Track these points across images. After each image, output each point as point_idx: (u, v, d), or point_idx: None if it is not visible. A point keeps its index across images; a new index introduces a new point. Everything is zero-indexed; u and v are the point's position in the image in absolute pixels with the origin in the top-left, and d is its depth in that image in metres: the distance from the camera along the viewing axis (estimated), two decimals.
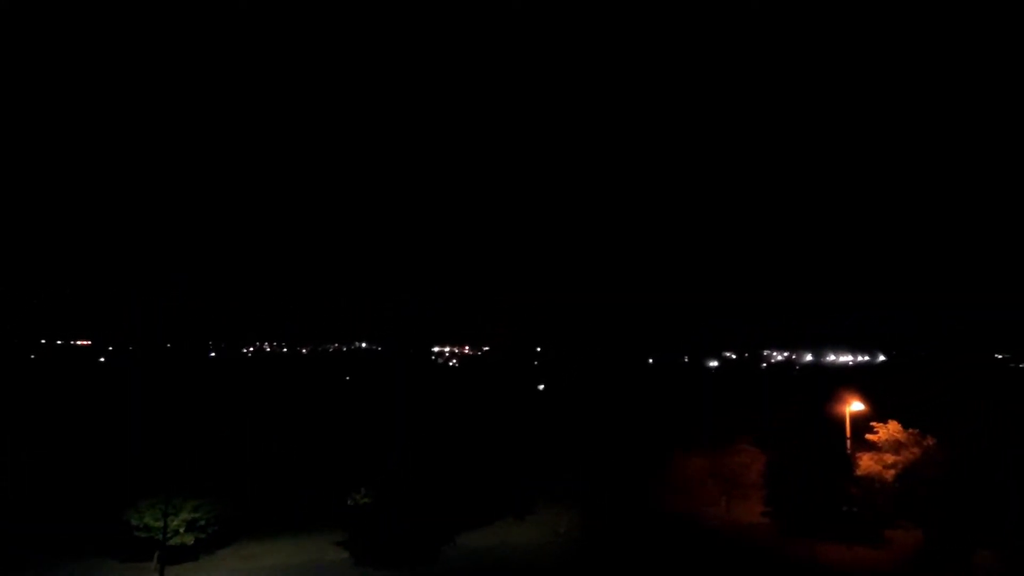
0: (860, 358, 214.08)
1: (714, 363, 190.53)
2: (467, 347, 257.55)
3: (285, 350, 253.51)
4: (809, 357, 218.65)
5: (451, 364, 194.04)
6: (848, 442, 39.75)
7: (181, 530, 30.62)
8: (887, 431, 37.48)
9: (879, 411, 40.61)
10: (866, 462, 36.93)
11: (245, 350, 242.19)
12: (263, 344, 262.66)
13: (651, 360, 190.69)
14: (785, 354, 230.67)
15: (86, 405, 77.80)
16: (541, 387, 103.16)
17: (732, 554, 34.86)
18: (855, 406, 41.00)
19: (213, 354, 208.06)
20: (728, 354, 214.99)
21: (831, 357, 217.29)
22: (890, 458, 36.40)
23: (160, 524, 29.63)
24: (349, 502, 35.15)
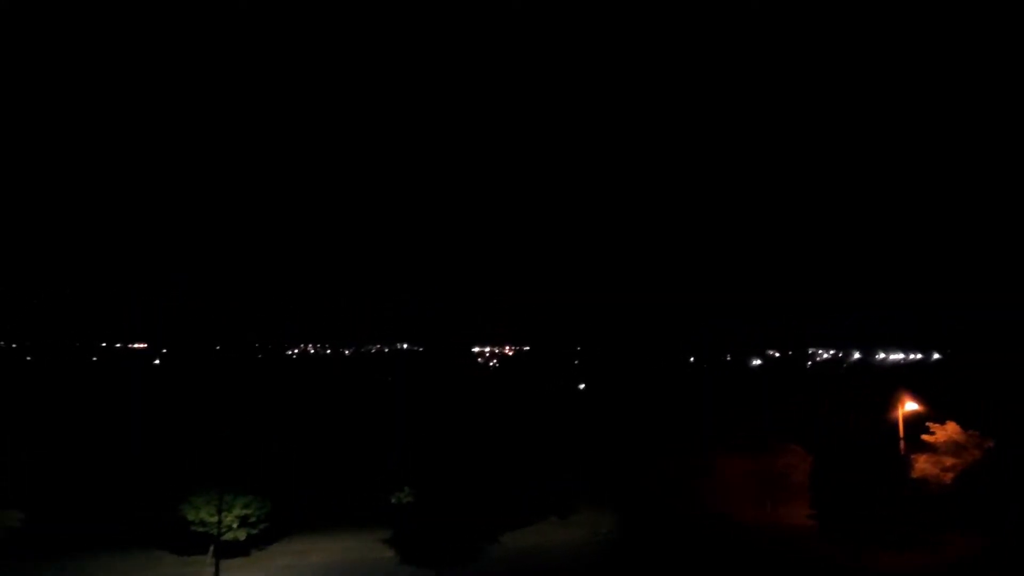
0: (913, 356, 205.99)
1: (757, 362, 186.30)
2: (508, 347, 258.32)
3: (328, 351, 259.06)
4: (857, 355, 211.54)
5: (492, 364, 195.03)
6: (902, 443, 38.40)
7: (234, 525, 31.66)
8: (945, 432, 36.10)
9: (935, 411, 39.13)
10: (922, 464, 35.64)
11: (290, 352, 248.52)
12: (307, 346, 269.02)
13: (692, 359, 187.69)
14: (831, 352, 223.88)
15: (143, 405, 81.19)
16: (582, 387, 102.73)
17: (777, 557, 34.07)
18: (909, 406, 39.58)
19: (260, 356, 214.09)
20: (772, 352, 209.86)
21: (881, 355, 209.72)
22: (948, 460, 35.06)
23: (214, 519, 30.71)
24: (393, 500, 35.76)
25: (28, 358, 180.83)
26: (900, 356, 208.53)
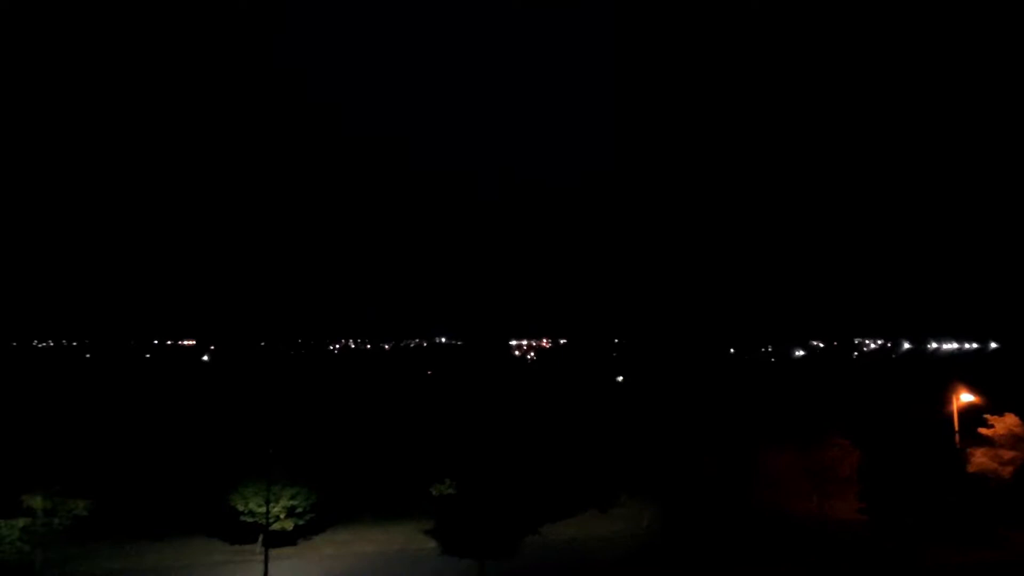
0: (968, 345, 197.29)
1: (800, 352, 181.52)
2: (545, 340, 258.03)
3: (369, 346, 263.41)
4: (908, 345, 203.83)
5: (529, 357, 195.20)
6: (957, 436, 36.89)
7: (281, 516, 32.57)
8: (1004, 424, 34.54)
9: (993, 403, 37.45)
10: (979, 458, 34.20)
11: (332, 347, 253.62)
12: (348, 341, 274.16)
13: (732, 351, 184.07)
14: (879, 342, 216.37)
15: (192, 399, 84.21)
16: (620, 379, 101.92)
17: (826, 552, 33.17)
18: (964, 397, 37.97)
19: (303, 351, 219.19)
20: (815, 343, 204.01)
21: (934, 345, 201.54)
22: (1007, 454, 33.56)
23: (263, 509, 31.64)
24: (434, 492, 36.20)
25: (88, 356, 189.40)
26: (954, 345, 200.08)
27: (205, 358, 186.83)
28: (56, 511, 29.29)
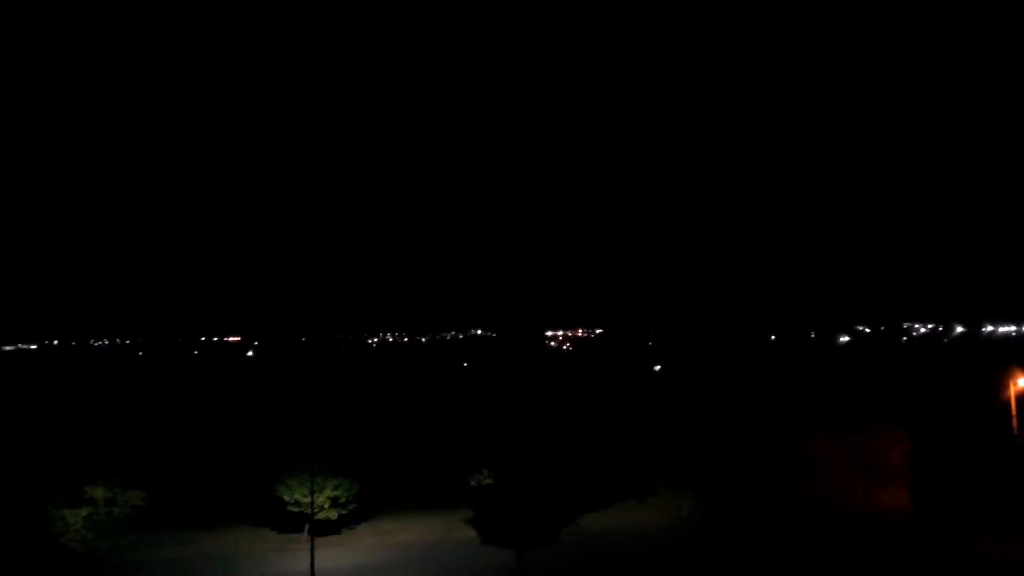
0: None
1: (845, 338, 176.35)
2: (580, 330, 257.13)
3: (406, 340, 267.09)
4: (960, 329, 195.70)
5: (565, 348, 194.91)
6: (1014, 423, 35.38)
7: (326, 506, 33.50)
8: None
9: None
10: None
11: (370, 340, 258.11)
12: (386, 335, 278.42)
13: (773, 337, 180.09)
14: (930, 326, 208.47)
15: (239, 393, 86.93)
16: (657, 368, 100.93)
17: (873, 544, 32.31)
18: (1022, 383, 36.36)
19: (343, 346, 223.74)
20: (861, 328, 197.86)
21: (989, 328, 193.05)
22: None
23: (308, 500, 32.60)
24: (472, 483, 36.62)
25: (140, 353, 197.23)
26: (1011, 328, 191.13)
27: (250, 354, 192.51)
28: (116, 501, 30.70)
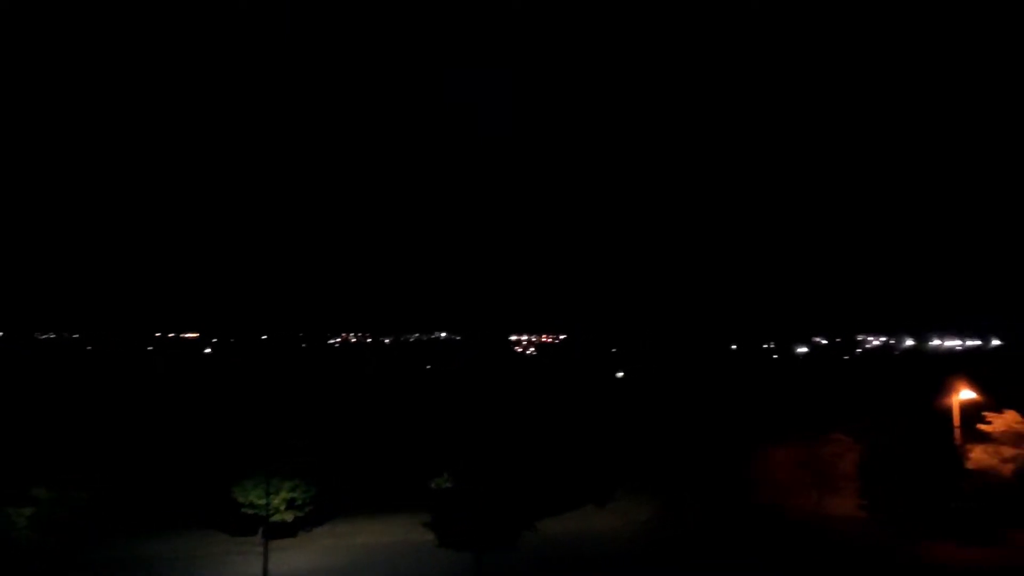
0: (970, 342, 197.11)
1: (803, 349, 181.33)
2: (544, 335, 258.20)
3: (369, 340, 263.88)
4: (910, 342, 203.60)
5: (529, 352, 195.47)
6: (957, 433, 36.84)
7: (281, 508, 32.74)
8: (1003, 421, 34.50)
9: (993, 400, 37.39)
10: (978, 455, 34.18)
11: (332, 340, 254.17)
12: (348, 335, 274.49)
13: (734, 347, 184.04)
14: (882, 339, 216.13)
15: (194, 392, 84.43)
16: (619, 374, 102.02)
17: (823, 547, 33.23)
18: (965, 394, 37.88)
19: (303, 345, 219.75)
20: (818, 339, 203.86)
21: (936, 341, 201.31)
22: (1008, 451, 33.53)
23: (263, 502, 31.82)
24: (432, 485, 36.29)
25: (88, 348, 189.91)
26: (956, 342, 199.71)
27: (207, 351, 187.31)
28: (61, 501, 29.69)
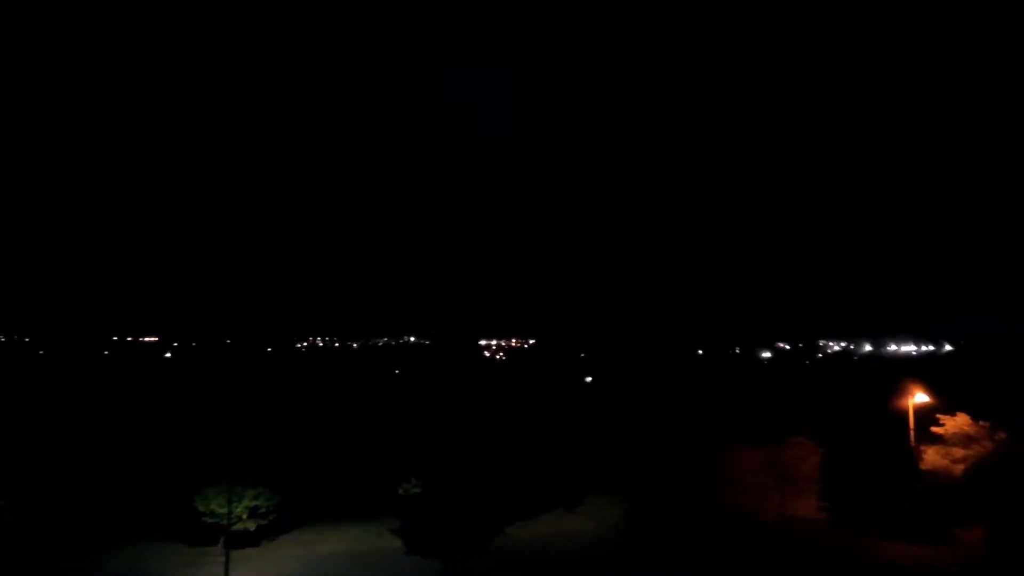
0: (924, 348, 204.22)
1: (767, 354, 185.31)
2: (514, 340, 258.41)
3: (337, 345, 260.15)
4: (868, 347, 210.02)
5: (498, 357, 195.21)
6: (912, 435, 38.07)
7: (244, 517, 31.96)
8: (955, 424, 35.76)
9: (946, 403, 38.75)
10: (931, 456, 35.35)
11: (299, 345, 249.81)
12: (315, 339, 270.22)
13: (701, 352, 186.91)
14: (843, 344, 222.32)
15: (153, 397, 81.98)
16: (588, 379, 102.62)
17: (786, 547, 33.96)
18: (919, 398, 39.20)
19: (269, 350, 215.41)
20: (782, 345, 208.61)
21: (892, 347, 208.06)
22: (958, 452, 34.74)
23: (225, 511, 31.01)
24: (400, 491, 35.92)
25: (41, 352, 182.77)
26: (911, 348, 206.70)
27: (168, 355, 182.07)
28: (11, 510, 28.39)
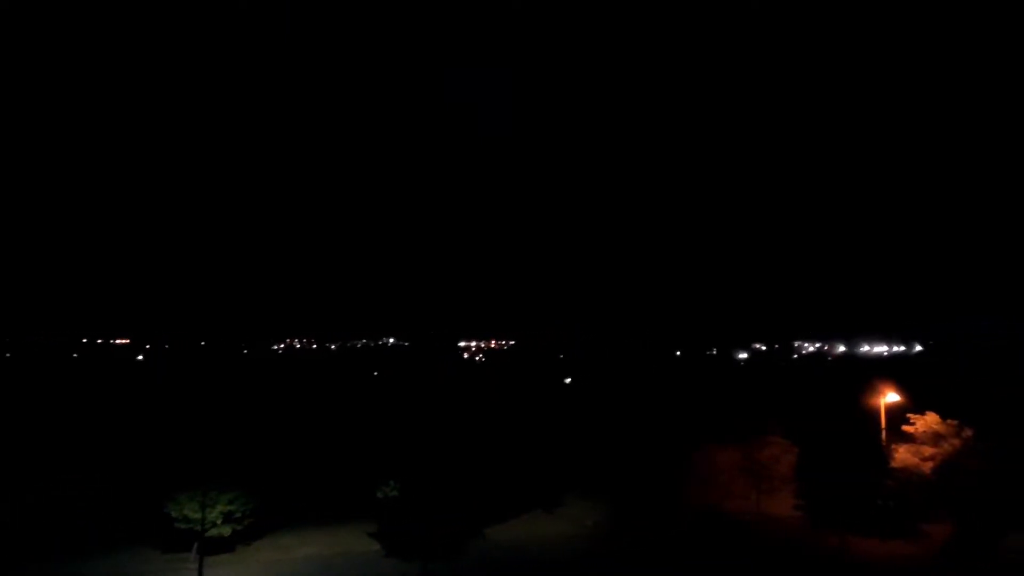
0: (896, 348, 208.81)
1: (743, 355, 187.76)
2: (493, 341, 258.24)
3: (315, 347, 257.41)
4: (842, 348, 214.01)
5: (478, 358, 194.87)
6: (883, 434, 38.86)
7: (218, 522, 31.39)
8: (925, 422, 36.54)
9: (916, 402, 39.60)
10: (902, 454, 36.08)
11: (276, 347, 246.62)
12: (293, 341, 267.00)
13: (678, 353, 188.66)
14: (817, 345, 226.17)
15: (125, 401, 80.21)
16: (568, 380, 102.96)
17: (762, 546, 34.42)
18: (890, 397, 40.03)
19: (246, 351, 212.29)
20: (758, 346, 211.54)
21: (865, 347, 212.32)
22: (928, 450, 35.51)
23: (198, 516, 30.43)
24: (378, 495, 35.62)
25: (7, 355, 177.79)
26: (884, 348, 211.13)
27: (140, 358, 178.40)
28: None
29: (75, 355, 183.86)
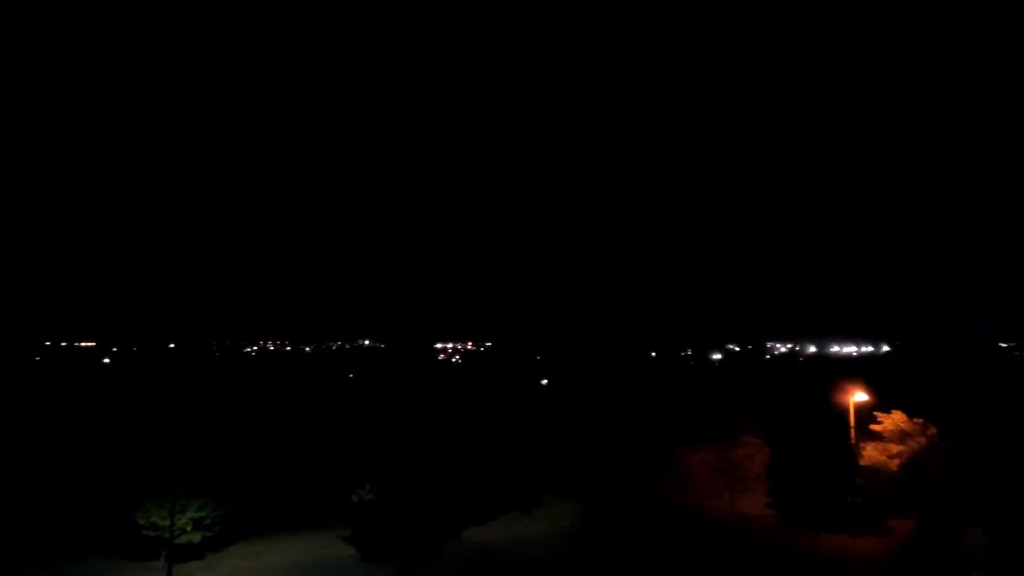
0: (864, 348, 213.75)
1: (717, 356, 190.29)
2: (470, 343, 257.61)
3: (288, 348, 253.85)
4: (813, 348, 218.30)
5: (454, 360, 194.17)
6: (852, 432, 39.69)
7: (188, 528, 30.74)
8: (891, 421, 37.42)
9: (883, 401, 40.53)
10: (870, 452, 36.90)
11: (249, 349, 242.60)
12: (266, 343, 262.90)
13: (653, 354, 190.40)
14: (789, 346, 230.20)
15: (89, 406, 78.06)
16: (544, 382, 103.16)
17: (735, 545, 34.87)
18: (859, 396, 40.91)
19: (217, 353, 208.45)
20: (731, 346, 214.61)
21: (835, 348, 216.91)
22: (894, 448, 36.37)
23: (167, 523, 29.75)
24: (354, 498, 35.23)
25: None
26: (853, 349, 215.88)
27: (106, 361, 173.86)
28: None
29: (37, 358, 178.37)
